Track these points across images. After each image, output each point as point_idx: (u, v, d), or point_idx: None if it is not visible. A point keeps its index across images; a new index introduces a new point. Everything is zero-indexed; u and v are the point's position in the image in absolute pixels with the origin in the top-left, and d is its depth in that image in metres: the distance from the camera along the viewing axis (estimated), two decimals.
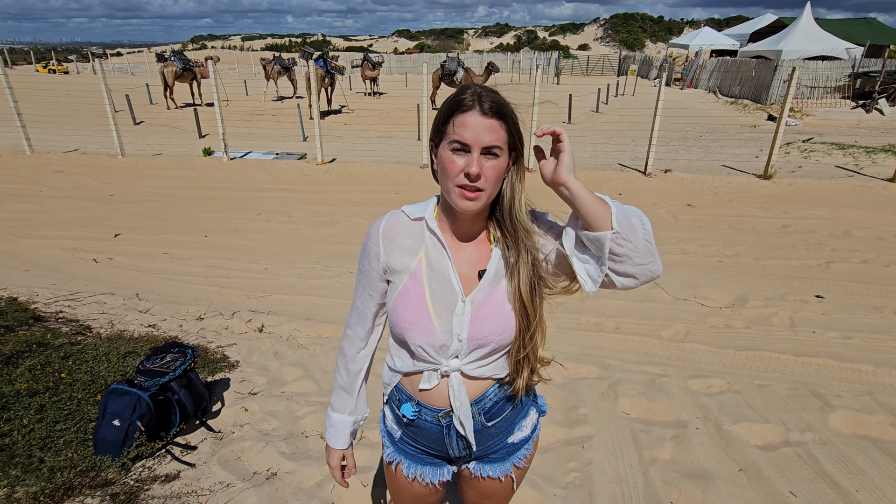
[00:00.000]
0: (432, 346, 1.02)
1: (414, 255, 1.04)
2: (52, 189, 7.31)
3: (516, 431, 1.14)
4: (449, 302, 1.01)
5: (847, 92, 15.85)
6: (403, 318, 1.03)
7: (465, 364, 1.04)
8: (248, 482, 2.09)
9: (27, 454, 2.05)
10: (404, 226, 1.06)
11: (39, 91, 14.95)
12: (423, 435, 1.12)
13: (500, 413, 1.10)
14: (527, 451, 1.17)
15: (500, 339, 1.02)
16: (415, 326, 1.02)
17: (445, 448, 1.13)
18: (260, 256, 4.98)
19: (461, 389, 1.05)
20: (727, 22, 62.36)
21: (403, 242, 1.05)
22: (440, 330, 1.01)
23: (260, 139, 11.26)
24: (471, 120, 0.91)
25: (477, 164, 0.91)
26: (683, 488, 2.09)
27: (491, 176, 0.93)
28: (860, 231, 5.59)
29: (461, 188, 0.93)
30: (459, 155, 0.93)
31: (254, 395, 2.70)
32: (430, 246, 1.03)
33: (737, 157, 9.35)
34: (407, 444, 1.16)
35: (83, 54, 46.64)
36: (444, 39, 78.80)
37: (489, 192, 0.95)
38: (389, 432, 1.19)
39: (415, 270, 1.03)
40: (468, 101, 0.92)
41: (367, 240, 1.08)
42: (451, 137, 0.93)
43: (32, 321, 3.17)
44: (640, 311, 3.77)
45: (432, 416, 1.09)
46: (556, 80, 28.22)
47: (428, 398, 1.09)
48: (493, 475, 1.15)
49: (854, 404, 2.63)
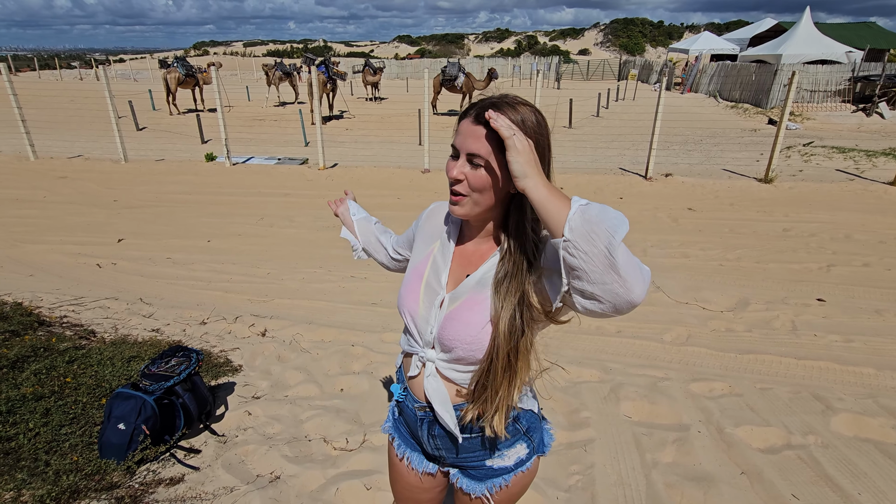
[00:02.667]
0: (416, 326, 1.08)
1: (433, 240, 1.13)
2: (56, 194, 7.35)
3: (496, 457, 1.10)
4: (433, 292, 1.05)
5: (847, 96, 15.87)
6: (403, 292, 1.11)
7: (438, 360, 1.05)
8: (252, 485, 2.10)
9: (33, 457, 2.06)
10: (441, 215, 1.15)
11: (43, 97, 15.04)
12: (406, 418, 1.20)
13: (473, 430, 1.07)
14: (504, 481, 1.11)
15: (466, 349, 0.98)
16: (408, 303, 1.09)
17: (420, 441, 1.17)
18: (262, 261, 5.00)
19: (433, 382, 1.06)
20: (727, 26, 62.59)
21: (432, 227, 1.15)
22: (421, 316, 1.06)
23: (262, 144, 11.31)
24: (463, 126, 0.94)
25: (457, 170, 0.93)
26: (686, 491, 2.09)
27: (475, 183, 0.92)
28: (861, 234, 5.59)
29: (451, 190, 0.97)
30: (452, 160, 0.96)
31: (257, 399, 2.71)
32: (445, 236, 1.11)
33: (737, 161, 9.37)
34: (401, 425, 1.24)
35: (86, 60, 46.91)
36: (445, 45, 79.15)
37: (475, 199, 0.94)
38: (393, 409, 1.28)
39: (428, 254, 1.12)
40: (474, 108, 0.93)
41: (421, 213, 1.22)
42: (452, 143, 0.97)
43: (37, 326, 3.19)
44: (641, 315, 3.78)
45: (412, 405, 1.14)
46: (556, 84, 28.30)
47: (412, 386, 1.14)
48: (467, 490, 1.14)
49: (856, 407, 2.63)
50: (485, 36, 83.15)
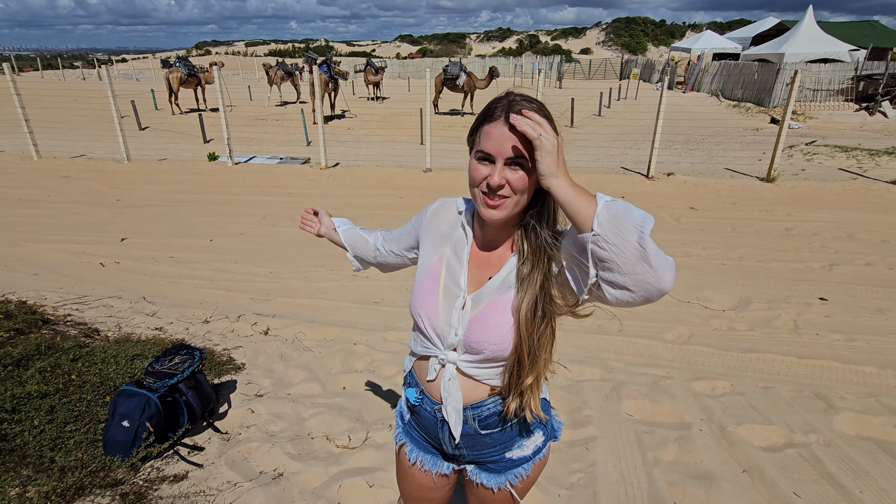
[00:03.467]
0: (434, 329, 1.07)
1: (444, 241, 1.11)
2: (60, 194, 7.38)
3: (515, 448, 1.14)
4: (453, 295, 1.05)
5: (850, 94, 15.83)
6: (418, 295, 1.10)
7: (462, 360, 1.06)
8: (255, 482, 2.11)
9: (38, 454, 2.08)
10: (450, 214, 1.14)
11: (46, 97, 15.09)
12: (422, 423, 1.19)
13: (495, 426, 1.10)
14: (524, 470, 1.15)
15: (495, 350, 1.01)
16: (425, 306, 1.08)
17: (440, 442, 1.17)
18: (265, 260, 5.02)
19: (452, 384, 1.07)
20: (729, 25, 62.41)
21: (441, 227, 1.13)
22: (442, 319, 1.06)
23: (264, 144, 11.34)
24: (495, 131, 0.91)
25: (499, 175, 0.91)
26: (687, 489, 2.10)
27: (518, 186, 0.92)
28: (864, 234, 5.58)
29: (485, 195, 0.94)
30: (485, 165, 0.93)
31: (260, 397, 2.72)
32: (457, 238, 1.10)
33: (740, 161, 9.35)
34: (413, 429, 1.24)
35: (89, 60, 47.03)
36: (447, 44, 79.09)
37: (516, 199, 0.93)
38: (401, 413, 1.28)
39: (440, 256, 1.10)
40: (497, 111, 0.92)
41: (424, 209, 1.20)
42: (478, 147, 0.94)
43: (42, 324, 3.21)
44: (643, 314, 3.78)
45: (431, 408, 1.14)
46: (558, 84, 28.28)
47: (430, 389, 1.13)
48: (488, 485, 1.16)
49: (858, 406, 2.63)
50: (486, 35, 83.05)
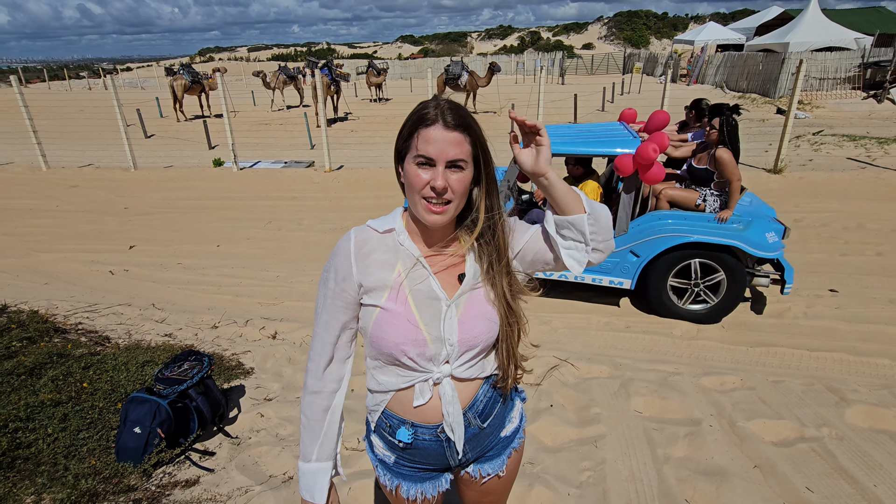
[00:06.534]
0: (423, 356, 1.01)
1: (391, 268, 1.01)
2: (68, 203, 7.47)
3: (507, 424, 1.18)
4: (434, 308, 1.01)
5: (857, 82, 15.62)
6: (391, 334, 0.99)
7: (456, 367, 1.04)
8: (266, 486, 2.12)
9: (52, 462, 2.11)
10: (375, 241, 1.03)
11: (53, 108, 15.26)
12: (422, 454, 1.10)
13: (492, 411, 1.13)
14: (519, 439, 1.21)
15: (487, 339, 1.05)
16: (406, 341, 0.99)
17: (446, 460, 1.12)
18: (272, 264, 5.04)
19: (454, 396, 1.05)
20: (733, 16, 61.82)
21: (378, 257, 1.02)
22: (430, 339, 1.00)
23: (268, 148, 11.40)
24: (435, 134, 0.91)
25: (442, 178, 0.92)
26: (698, 485, 2.08)
27: (458, 188, 0.95)
28: (874, 223, 5.51)
29: (427, 201, 0.95)
30: (424, 169, 0.94)
31: (269, 401, 2.74)
32: (405, 257, 1.02)
33: (746, 152, 9.23)
34: (404, 467, 1.13)
35: (94, 70, 47.51)
36: (448, 43, 78.96)
37: (456, 203, 0.97)
38: (382, 460, 1.14)
39: (394, 284, 1.00)
40: (431, 114, 0.92)
41: (335, 260, 1.03)
42: (416, 152, 0.93)
43: (53, 333, 3.25)
44: (650, 310, 3.76)
45: (430, 434, 1.08)
46: (560, 80, 28.16)
47: (422, 415, 1.06)
48: (493, 472, 1.17)
49: (871, 399, 2.60)
50: (488, 33, 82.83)
